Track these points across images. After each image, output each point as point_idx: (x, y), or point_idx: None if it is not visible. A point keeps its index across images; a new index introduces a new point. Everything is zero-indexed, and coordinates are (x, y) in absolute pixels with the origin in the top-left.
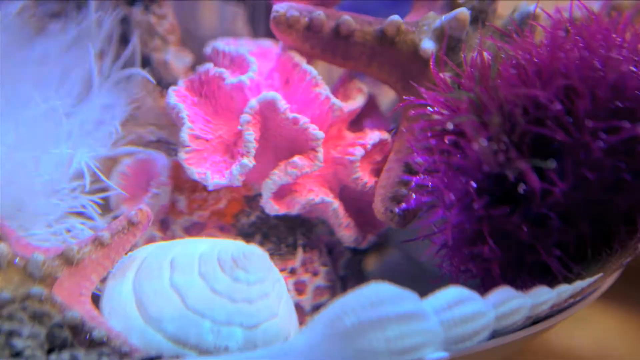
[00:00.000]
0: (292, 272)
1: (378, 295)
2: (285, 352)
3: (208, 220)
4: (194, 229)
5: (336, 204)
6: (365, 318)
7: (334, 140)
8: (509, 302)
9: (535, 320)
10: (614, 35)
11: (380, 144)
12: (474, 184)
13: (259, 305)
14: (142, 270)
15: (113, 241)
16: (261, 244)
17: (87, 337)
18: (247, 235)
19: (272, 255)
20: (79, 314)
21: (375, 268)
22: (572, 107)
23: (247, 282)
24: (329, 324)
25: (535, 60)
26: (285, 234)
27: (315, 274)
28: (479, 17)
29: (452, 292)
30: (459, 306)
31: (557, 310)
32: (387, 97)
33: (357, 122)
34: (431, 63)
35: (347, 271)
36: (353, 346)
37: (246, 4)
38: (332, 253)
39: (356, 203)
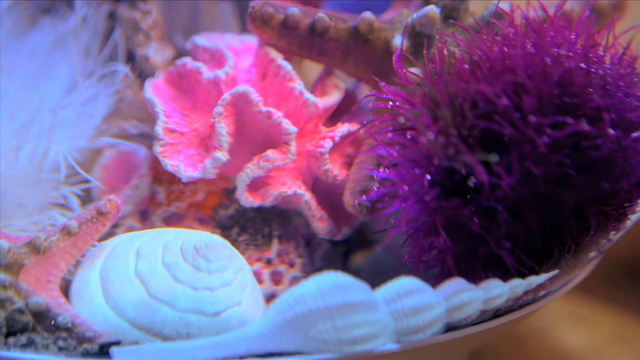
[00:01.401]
0: (269, 262)
1: (328, 285)
2: (239, 339)
3: (187, 212)
4: (172, 220)
5: (308, 196)
6: (314, 307)
7: (310, 135)
8: (460, 294)
9: (498, 314)
10: (569, 33)
11: (350, 137)
12: (428, 177)
13: (221, 294)
14: (110, 258)
15: (81, 230)
16: (238, 235)
17: (52, 323)
18: (225, 227)
19: (248, 246)
20: (44, 300)
21: (361, 264)
22: (521, 102)
23: (208, 271)
24: (281, 312)
25: (490, 56)
26: (262, 226)
27: (291, 265)
28: (451, 15)
29: (403, 283)
30: (408, 297)
31: (518, 305)
32: None
33: (336, 117)
34: (394, 58)
35: (325, 263)
36: (304, 335)
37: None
38: (310, 245)
39: (329, 196)
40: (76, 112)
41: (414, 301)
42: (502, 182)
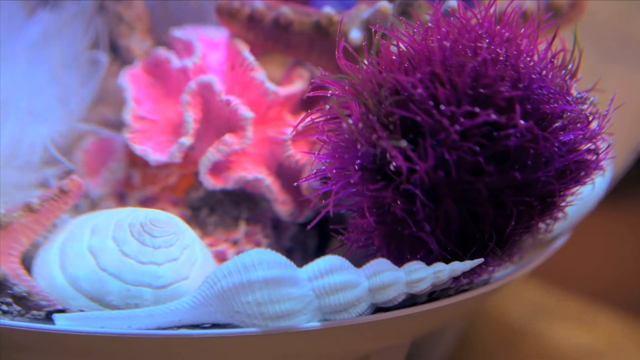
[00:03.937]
0: (235, 243)
1: (252, 260)
2: (172, 310)
3: (161, 194)
4: (148, 203)
5: (269, 181)
6: (237, 281)
7: (274, 121)
8: (381, 275)
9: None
10: (492, 27)
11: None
12: (358, 161)
13: (167, 268)
14: (69, 234)
15: (43, 207)
16: (208, 216)
17: (10, 292)
18: (195, 209)
19: (217, 226)
20: (2, 271)
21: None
22: (437, 92)
23: (153, 246)
24: (210, 286)
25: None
26: (230, 208)
27: (257, 244)
28: (406, 11)
29: (326, 261)
30: (330, 275)
31: (454, 290)
32: None
33: (309, 106)
34: (337, 50)
35: (293, 244)
36: (229, 308)
37: None
38: (279, 227)
39: (294, 181)
40: (62, 98)
41: (336, 279)
42: (418, 167)
